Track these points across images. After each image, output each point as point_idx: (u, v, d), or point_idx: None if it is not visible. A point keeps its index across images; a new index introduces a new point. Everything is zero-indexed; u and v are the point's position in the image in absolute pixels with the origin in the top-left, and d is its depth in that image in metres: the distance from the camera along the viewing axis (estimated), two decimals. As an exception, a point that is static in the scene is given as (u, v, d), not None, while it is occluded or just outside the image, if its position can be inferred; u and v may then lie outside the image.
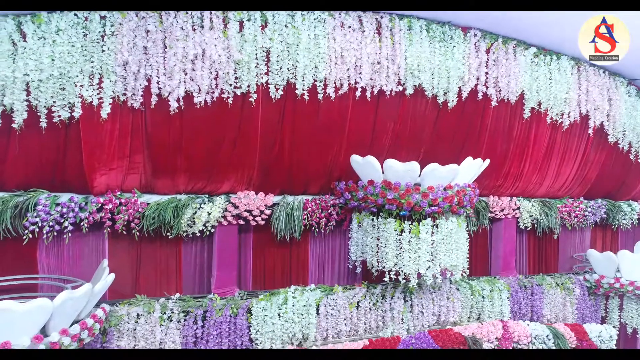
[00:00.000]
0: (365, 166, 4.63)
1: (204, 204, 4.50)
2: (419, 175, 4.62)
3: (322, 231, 5.08)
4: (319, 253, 5.28)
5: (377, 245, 4.76)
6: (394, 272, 4.66)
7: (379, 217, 4.73)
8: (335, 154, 4.83)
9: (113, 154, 3.99)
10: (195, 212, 4.47)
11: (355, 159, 4.70)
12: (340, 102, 4.60)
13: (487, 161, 4.90)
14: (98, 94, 3.76)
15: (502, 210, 5.99)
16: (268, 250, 5.03)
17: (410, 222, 4.63)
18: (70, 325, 3.50)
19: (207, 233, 4.60)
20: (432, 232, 4.63)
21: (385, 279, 4.64)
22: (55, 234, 4.08)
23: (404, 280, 4.66)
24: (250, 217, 4.70)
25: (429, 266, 4.61)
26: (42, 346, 3.25)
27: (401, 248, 4.62)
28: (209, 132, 4.23)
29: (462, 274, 4.86)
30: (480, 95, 5.14)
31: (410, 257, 4.58)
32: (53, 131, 3.76)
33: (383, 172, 4.64)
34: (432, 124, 5.14)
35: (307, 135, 4.60)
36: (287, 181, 4.80)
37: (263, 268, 5.02)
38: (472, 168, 4.72)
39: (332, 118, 4.63)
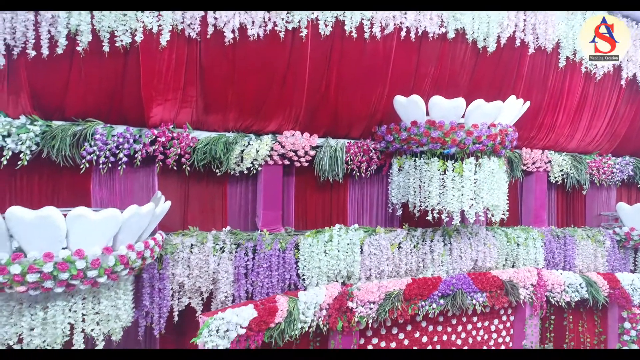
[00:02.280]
0: (409, 106, 4.70)
1: (252, 141, 4.57)
2: (462, 116, 4.70)
3: (363, 175, 5.16)
4: (357, 198, 5.36)
5: (420, 186, 4.83)
6: (437, 211, 4.74)
7: (421, 158, 4.81)
8: (378, 97, 4.90)
9: (169, 84, 4.06)
10: (244, 149, 4.54)
11: (399, 100, 4.76)
12: (385, 43, 4.67)
13: (528, 103, 4.97)
14: (157, 21, 3.83)
15: (534, 163, 6.07)
16: (309, 193, 5.12)
17: (453, 162, 4.71)
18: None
19: (254, 171, 4.68)
20: (475, 171, 4.71)
21: (428, 218, 4.72)
22: (110, 165, 4.15)
23: (447, 219, 4.74)
24: (295, 158, 4.77)
25: (472, 204, 4.69)
26: (111, 258, 3.32)
27: (444, 187, 4.70)
28: (260, 68, 4.30)
29: (502, 215, 4.94)
30: (518, 42, 5.21)
31: (453, 196, 4.66)
32: (113, 58, 3.83)
33: (428, 114, 4.71)
34: (471, 71, 5.21)
35: (353, 75, 4.67)
36: (331, 122, 4.87)
37: (305, 210, 5.10)
38: (514, 107, 4.79)
39: (377, 59, 4.69)
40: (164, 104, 4.14)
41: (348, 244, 4.74)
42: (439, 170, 4.71)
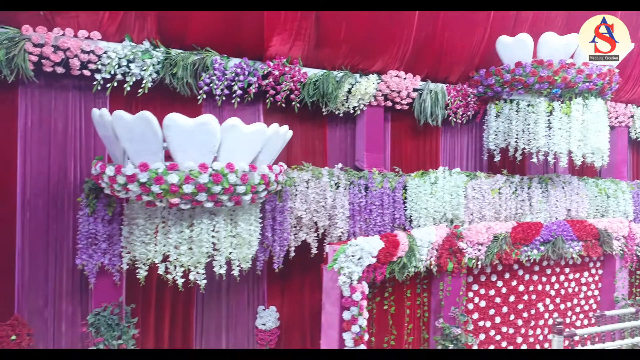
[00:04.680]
0: (515, 46, 4.61)
1: (360, 79, 4.49)
2: (571, 57, 4.63)
3: (458, 121, 5.06)
4: (449, 146, 5.31)
5: (523, 129, 4.76)
6: (543, 153, 4.67)
7: (523, 101, 4.75)
8: (479, 40, 4.82)
9: (288, 13, 3.97)
10: (351, 87, 4.46)
11: (503, 40, 4.68)
12: (490, -18, 4.58)
13: (633, 44, 4.89)
14: (284, -57, 3.74)
15: (616, 118, 5.99)
16: (404, 138, 5.06)
17: (560, 103, 4.64)
18: (268, 167, 3.49)
19: (358, 112, 4.60)
20: (582, 112, 4.64)
21: (533, 160, 4.65)
22: (223, 98, 4.06)
23: (554, 161, 4.67)
24: (398, 99, 4.69)
25: (579, 145, 4.62)
26: (256, 176, 3.23)
27: (550, 128, 4.64)
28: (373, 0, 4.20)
29: (602, 160, 4.88)
30: (614, -14, 5.13)
31: (561, 137, 4.59)
32: (238, -18, 3.73)
33: (535, 56, 4.64)
34: (566, 17, 5.11)
35: (457, 15, 4.58)
36: (434, 64, 4.79)
37: (400, 154, 5.04)
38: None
39: (481, -1, 4.61)
40: (282, 34, 4.04)
41: (453, 186, 4.66)
42: (544, 111, 4.64)
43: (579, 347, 4.53)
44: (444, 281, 4.47)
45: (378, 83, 4.57)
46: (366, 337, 3.66)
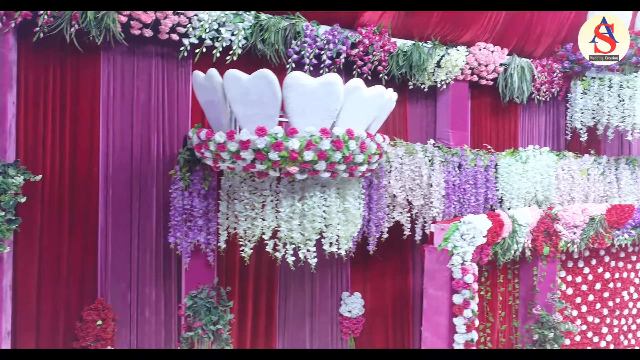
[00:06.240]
0: (610, 17, 4.34)
1: (449, 50, 4.22)
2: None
3: (542, 98, 4.78)
4: (527, 124, 5.03)
5: (615, 106, 4.50)
6: (638, 131, 4.40)
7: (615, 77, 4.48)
8: (568, 13, 4.54)
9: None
10: (441, 59, 4.19)
11: (595, 13, 4.40)
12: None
13: None
14: None
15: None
16: (483, 116, 4.79)
17: (657, 77, 4.37)
18: (376, 138, 3.22)
19: (445, 86, 4.32)
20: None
21: (627, 138, 4.39)
22: (311, 68, 3.78)
23: (650, 138, 4.41)
24: (484, 73, 4.41)
25: (681, 121, 4.36)
26: (372, 145, 2.96)
27: (646, 104, 4.37)
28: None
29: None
30: None
31: (660, 113, 4.32)
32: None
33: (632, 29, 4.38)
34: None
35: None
36: (522, 36, 4.50)
37: (479, 132, 4.76)
38: None
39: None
40: (376, -1, 3.77)
41: (544, 166, 4.39)
42: (641, 86, 4.37)
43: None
44: (539, 266, 4.20)
45: (467, 55, 4.29)
46: (477, 322, 3.39)
